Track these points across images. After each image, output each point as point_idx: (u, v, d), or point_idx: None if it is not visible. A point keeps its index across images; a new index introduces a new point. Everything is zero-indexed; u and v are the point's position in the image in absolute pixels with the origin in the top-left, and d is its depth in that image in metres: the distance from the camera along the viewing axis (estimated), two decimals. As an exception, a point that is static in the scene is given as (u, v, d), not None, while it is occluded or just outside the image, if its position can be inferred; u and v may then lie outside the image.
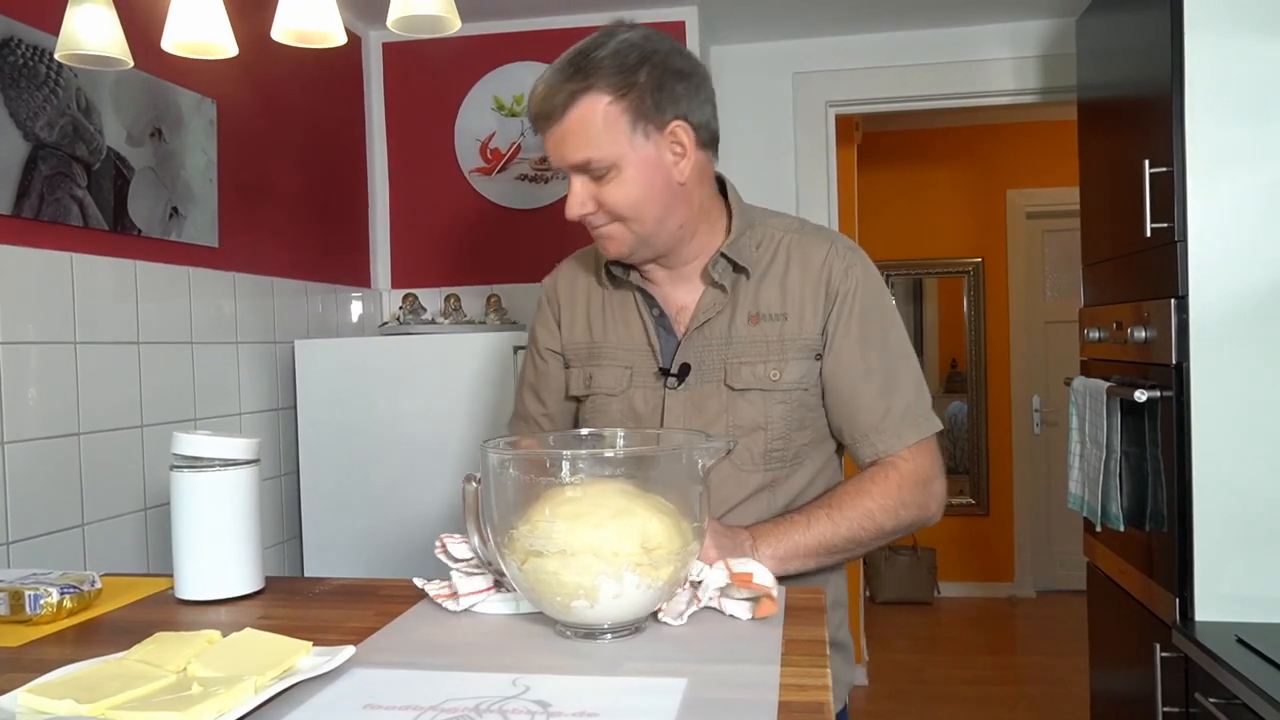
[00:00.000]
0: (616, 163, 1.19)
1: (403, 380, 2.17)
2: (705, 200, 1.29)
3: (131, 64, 1.18)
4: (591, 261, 1.40)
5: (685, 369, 1.28)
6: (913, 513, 1.25)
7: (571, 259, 1.44)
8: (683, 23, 2.68)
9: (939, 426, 1.29)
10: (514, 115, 2.71)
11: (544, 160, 2.71)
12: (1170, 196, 1.83)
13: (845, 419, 1.28)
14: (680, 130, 1.22)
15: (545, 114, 1.20)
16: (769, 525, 1.20)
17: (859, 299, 1.27)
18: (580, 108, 1.18)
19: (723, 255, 1.27)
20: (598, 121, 1.18)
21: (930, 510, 1.26)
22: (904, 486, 1.24)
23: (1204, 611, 1.80)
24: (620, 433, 1.17)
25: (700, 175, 1.26)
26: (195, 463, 1.16)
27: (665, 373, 1.29)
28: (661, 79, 1.20)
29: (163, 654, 0.87)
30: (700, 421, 1.26)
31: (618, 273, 1.33)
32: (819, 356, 1.27)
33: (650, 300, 1.32)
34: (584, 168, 1.20)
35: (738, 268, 1.28)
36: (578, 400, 1.39)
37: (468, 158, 2.74)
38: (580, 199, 1.22)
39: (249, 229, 2.16)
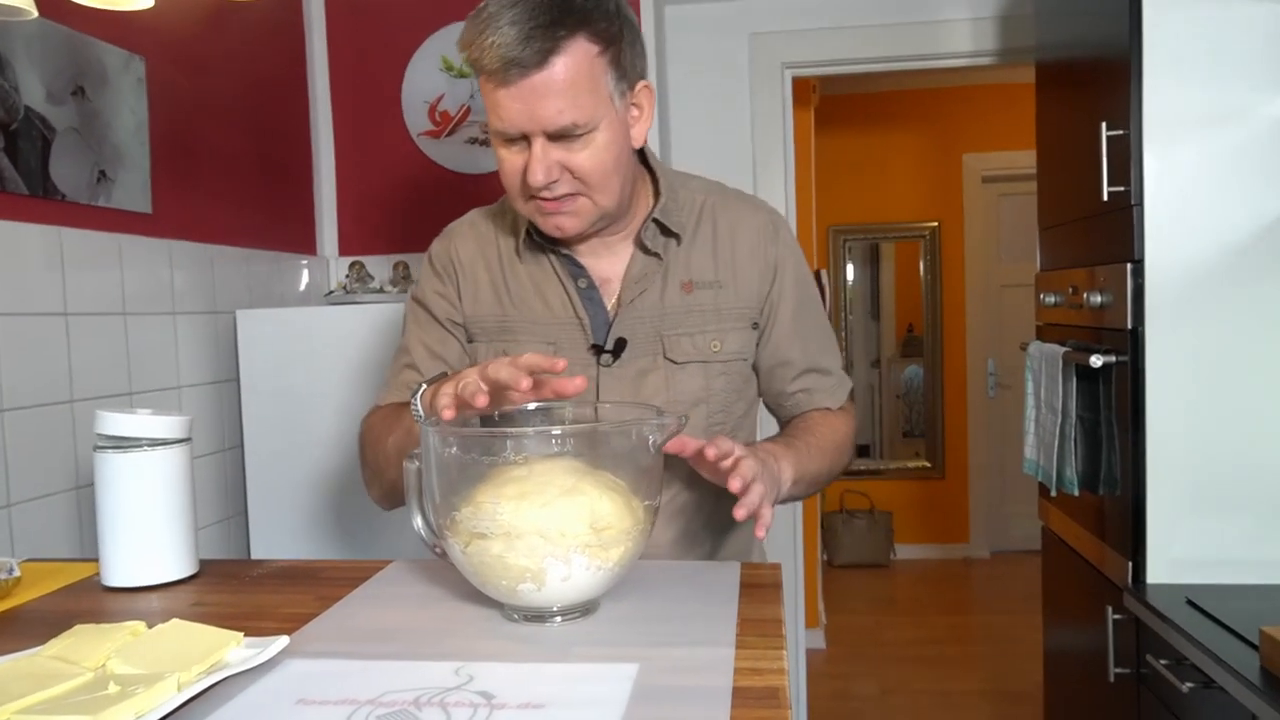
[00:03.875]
0: (597, 125, 1.06)
1: (350, 351, 2.11)
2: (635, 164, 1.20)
3: (35, 14, 1.09)
4: (491, 231, 1.28)
5: (621, 344, 1.20)
6: (854, 453, 1.33)
7: (465, 224, 1.31)
8: (637, -20, 2.60)
9: (851, 382, 1.37)
10: (463, 76, 2.62)
11: (495, 122, 2.63)
12: (1127, 160, 1.81)
13: (784, 384, 1.29)
14: (645, 91, 1.14)
15: (518, 61, 1.00)
16: (782, 447, 1.14)
17: (794, 269, 1.27)
18: (570, 57, 1.02)
19: (654, 221, 1.20)
20: (585, 76, 1.03)
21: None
22: (853, 426, 1.33)
23: (1155, 574, 1.81)
24: (568, 407, 1.13)
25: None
26: (121, 443, 1.11)
27: (599, 349, 1.20)
28: (632, 33, 1.09)
29: (80, 649, 0.82)
30: (640, 398, 1.20)
31: (541, 241, 1.21)
32: (755, 325, 1.25)
33: (576, 269, 1.21)
34: (560, 132, 1.05)
35: (668, 233, 1.21)
36: None
37: (415, 120, 2.65)
38: (546, 165, 1.06)
39: (185, 194, 2.07)
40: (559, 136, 1.06)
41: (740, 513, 0.96)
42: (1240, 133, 1.76)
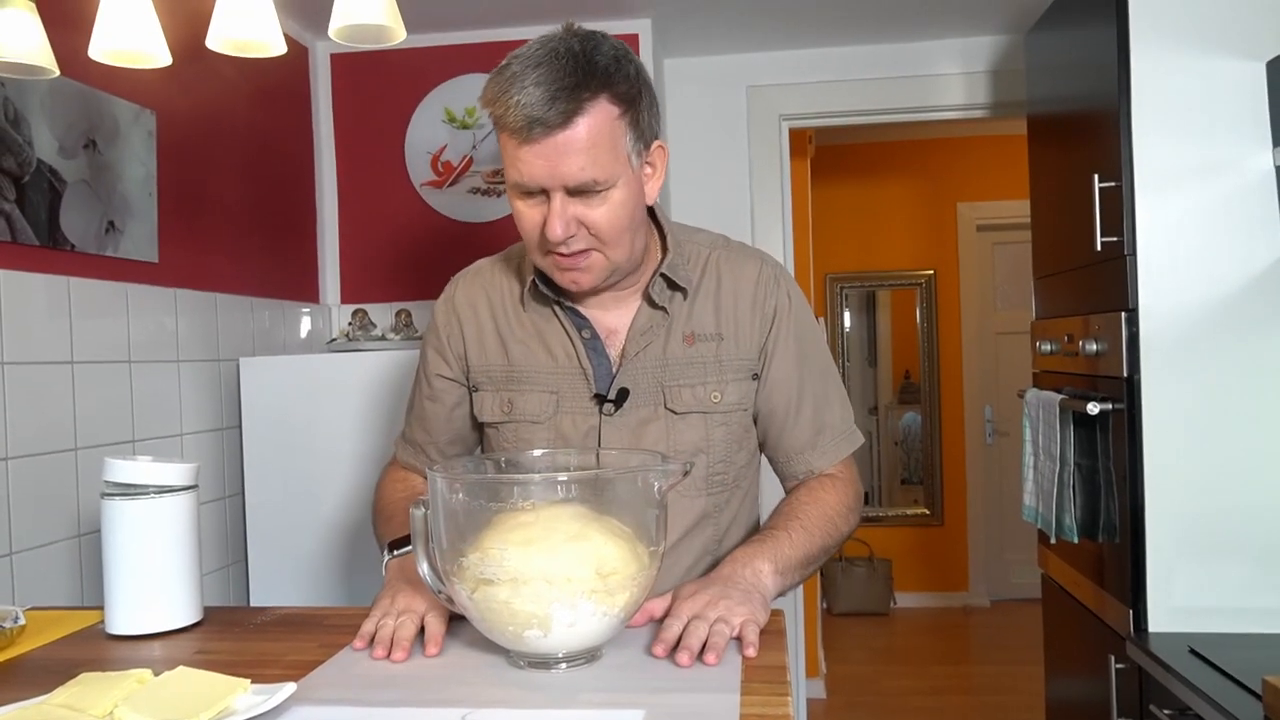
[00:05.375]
0: (615, 183, 1.09)
1: (352, 398, 2.12)
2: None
3: (57, 73, 1.13)
4: (498, 279, 1.30)
5: (624, 394, 1.21)
6: (857, 517, 1.27)
7: (468, 276, 1.34)
8: (636, 35, 2.66)
9: (862, 440, 1.32)
10: (465, 128, 2.67)
11: (496, 173, 2.67)
12: (1119, 211, 1.85)
13: (778, 437, 1.28)
14: (659, 151, 1.17)
15: (542, 120, 1.03)
16: (756, 546, 1.13)
17: (793, 319, 1.27)
18: (591, 118, 1.05)
19: (662, 275, 1.22)
20: (606, 135, 1.06)
21: (861, 514, 1.29)
22: (849, 493, 1.27)
23: (1157, 623, 1.81)
24: (573, 454, 1.14)
25: None
26: (128, 490, 1.11)
27: (601, 398, 1.22)
28: (649, 96, 1.13)
29: (87, 697, 0.82)
30: (641, 447, 1.21)
31: (547, 291, 1.23)
32: (755, 376, 1.26)
33: (580, 321, 1.24)
34: (579, 189, 1.07)
35: (674, 286, 1.23)
36: (486, 427, 1.30)
37: (418, 171, 2.69)
38: (564, 220, 1.08)
39: (191, 243, 2.10)
40: (577, 192, 1.08)
41: (680, 657, 0.92)
42: (1229, 184, 1.80)
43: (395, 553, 1.15)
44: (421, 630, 1.02)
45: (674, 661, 0.92)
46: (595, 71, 1.05)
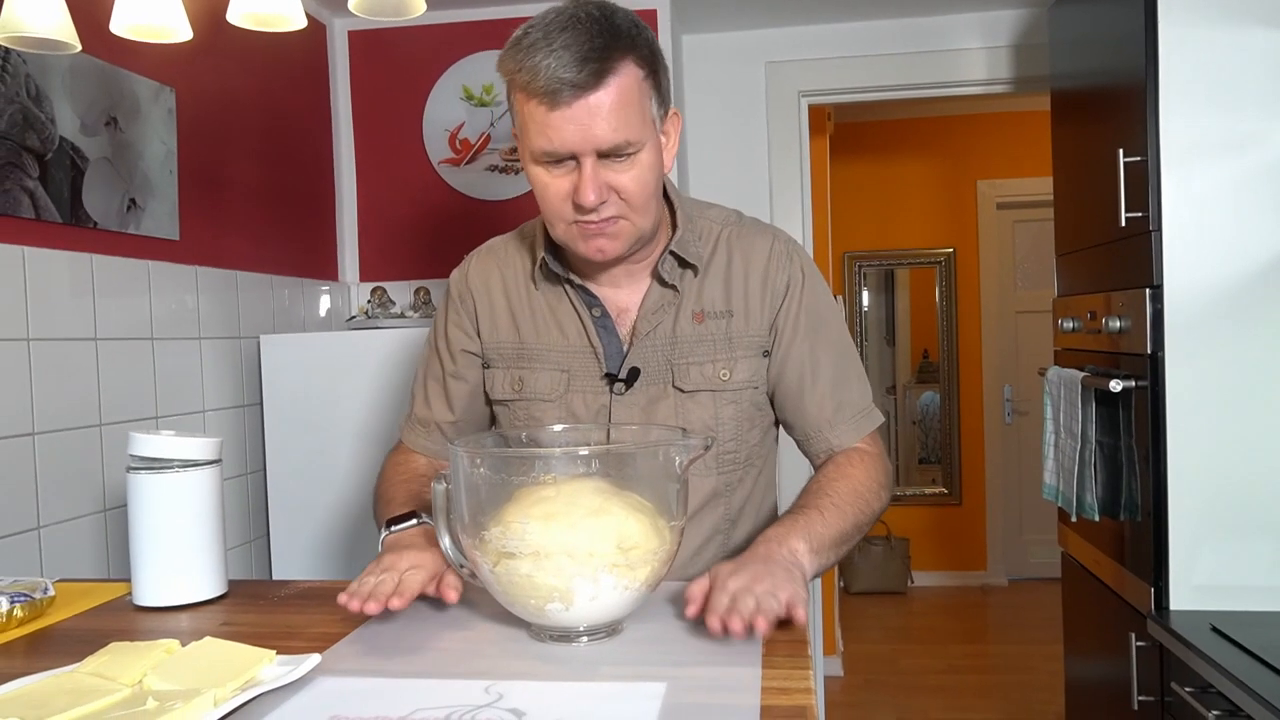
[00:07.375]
0: (644, 145, 1.08)
1: (371, 375, 2.13)
2: None
3: (79, 48, 1.13)
4: (511, 257, 1.30)
5: (634, 373, 1.21)
6: (889, 492, 1.25)
7: (482, 254, 1.33)
8: (654, 11, 2.64)
9: (882, 419, 1.30)
10: (483, 105, 2.66)
11: (514, 151, 2.66)
12: (1145, 186, 1.82)
13: (795, 413, 1.26)
14: (674, 118, 1.16)
15: (573, 82, 1.02)
16: (788, 524, 1.09)
17: (805, 295, 1.25)
18: (622, 78, 1.05)
19: (671, 252, 1.21)
20: (635, 96, 1.06)
21: (892, 491, 1.27)
22: (878, 468, 1.24)
23: (1179, 601, 1.80)
24: (593, 429, 1.14)
25: None
26: (153, 464, 1.12)
27: (612, 377, 1.21)
28: (664, 63, 1.13)
29: (117, 666, 0.83)
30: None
31: (558, 270, 1.23)
32: (766, 354, 1.24)
33: (590, 299, 1.23)
34: (612, 151, 1.06)
35: (684, 264, 1.22)
36: (496, 404, 1.30)
37: (436, 148, 2.69)
38: (597, 185, 1.07)
39: (211, 221, 2.10)
40: (608, 156, 1.07)
41: (733, 624, 0.88)
42: (1257, 158, 1.77)
43: (393, 529, 1.14)
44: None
45: (726, 630, 0.90)
46: (620, 34, 1.06)
